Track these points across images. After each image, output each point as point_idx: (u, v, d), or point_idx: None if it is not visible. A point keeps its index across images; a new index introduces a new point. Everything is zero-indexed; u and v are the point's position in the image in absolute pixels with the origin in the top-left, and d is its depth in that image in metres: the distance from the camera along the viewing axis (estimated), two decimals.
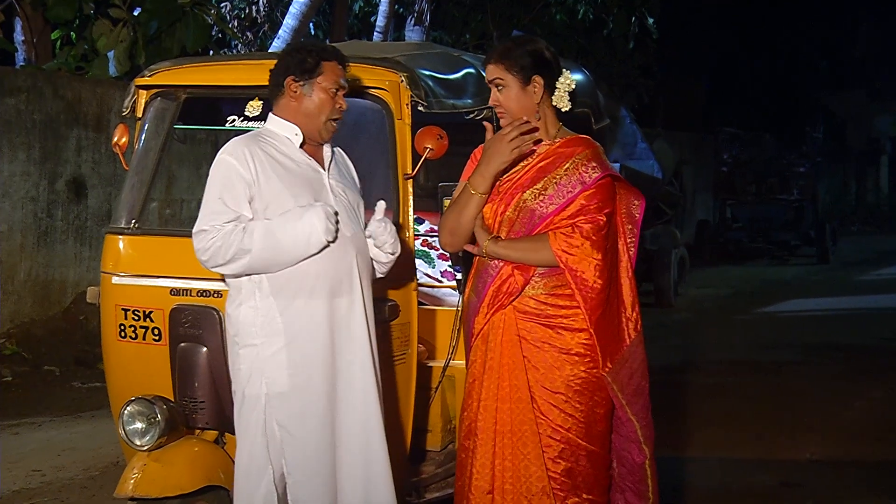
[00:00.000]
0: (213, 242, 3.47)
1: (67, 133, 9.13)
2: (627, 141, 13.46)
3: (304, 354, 3.53)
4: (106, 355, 4.40)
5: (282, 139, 3.64)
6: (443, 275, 5.52)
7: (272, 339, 3.53)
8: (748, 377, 8.87)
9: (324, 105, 3.61)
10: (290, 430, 3.53)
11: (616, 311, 3.51)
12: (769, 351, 10.20)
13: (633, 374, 3.53)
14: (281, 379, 3.52)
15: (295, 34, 11.83)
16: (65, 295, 9.13)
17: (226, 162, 3.55)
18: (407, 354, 4.20)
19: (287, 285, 3.53)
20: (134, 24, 10.13)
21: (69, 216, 9.15)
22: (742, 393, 8.16)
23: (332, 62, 3.62)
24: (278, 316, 3.52)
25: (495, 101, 3.53)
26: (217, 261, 3.49)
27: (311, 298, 3.53)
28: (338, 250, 3.56)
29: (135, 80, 4.60)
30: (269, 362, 3.53)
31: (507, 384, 3.46)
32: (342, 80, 3.64)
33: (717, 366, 9.37)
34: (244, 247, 3.44)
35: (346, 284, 3.58)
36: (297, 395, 3.53)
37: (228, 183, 3.52)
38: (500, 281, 3.47)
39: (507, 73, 3.49)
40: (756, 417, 7.28)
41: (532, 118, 3.50)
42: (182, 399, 4.01)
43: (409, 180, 4.24)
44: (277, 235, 3.46)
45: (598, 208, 3.43)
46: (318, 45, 3.71)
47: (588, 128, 5.38)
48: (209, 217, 3.50)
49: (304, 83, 3.60)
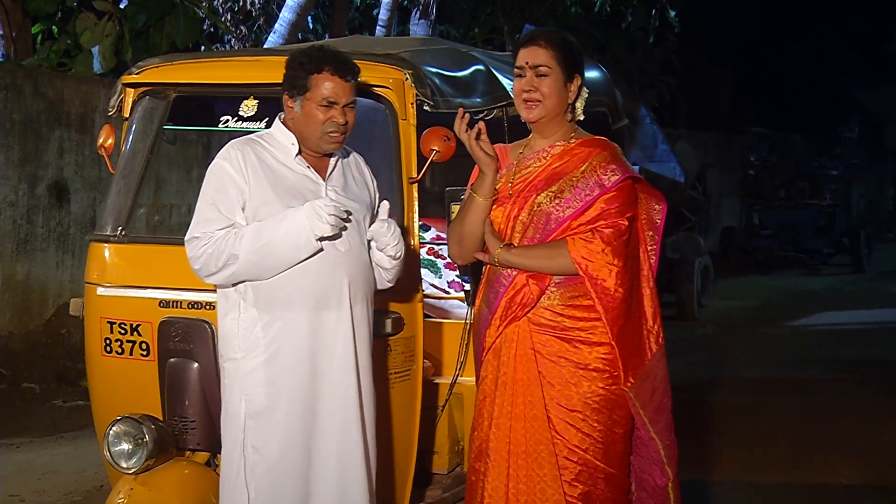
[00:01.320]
0: (205, 250, 3.51)
1: (49, 134, 9.16)
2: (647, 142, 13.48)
3: (283, 372, 3.55)
4: (90, 371, 4.41)
5: (280, 146, 3.68)
6: (450, 285, 5.53)
7: (252, 354, 3.57)
8: (777, 396, 8.85)
9: (314, 122, 3.61)
10: (262, 453, 3.55)
11: (637, 322, 3.52)
12: (800, 367, 10.18)
13: (655, 391, 3.54)
14: (258, 397, 3.56)
15: (292, 28, 11.86)
16: (46, 307, 9.14)
17: (220, 166, 3.61)
18: (411, 371, 4.21)
19: (270, 297, 3.55)
20: (120, 17, 10.16)
21: (50, 222, 9.17)
22: (771, 412, 8.15)
23: (324, 74, 3.58)
24: (259, 329, 3.56)
25: (531, 86, 3.52)
26: (209, 269, 3.54)
27: (293, 311, 3.55)
28: (326, 264, 3.57)
29: (121, 77, 4.62)
30: (247, 378, 3.57)
31: (521, 401, 3.47)
32: (339, 93, 3.59)
33: (743, 383, 9.36)
34: (233, 251, 3.49)
35: (334, 300, 3.59)
36: (272, 416, 3.55)
37: (222, 188, 3.57)
38: (513, 291, 3.48)
39: (554, 62, 3.51)
40: (786, 439, 7.27)
41: (562, 116, 3.53)
42: (171, 418, 4.02)
43: (414, 184, 4.25)
44: (264, 237, 3.49)
45: (619, 212, 3.44)
46: (316, 54, 3.64)
47: (605, 128, 5.39)
48: (202, 224, 3.56)
49: (296, 99, 3.62)
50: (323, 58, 3.62)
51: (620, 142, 4.97)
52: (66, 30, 10.76)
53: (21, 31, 10.87)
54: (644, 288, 3.57)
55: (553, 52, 3.50)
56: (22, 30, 10.88)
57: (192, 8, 10.41)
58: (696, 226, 14.97)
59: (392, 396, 4.09)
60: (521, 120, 3.60)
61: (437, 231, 5.63)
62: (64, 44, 10.75)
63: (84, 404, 7.46)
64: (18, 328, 8.94)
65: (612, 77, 6.12)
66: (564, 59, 3.51)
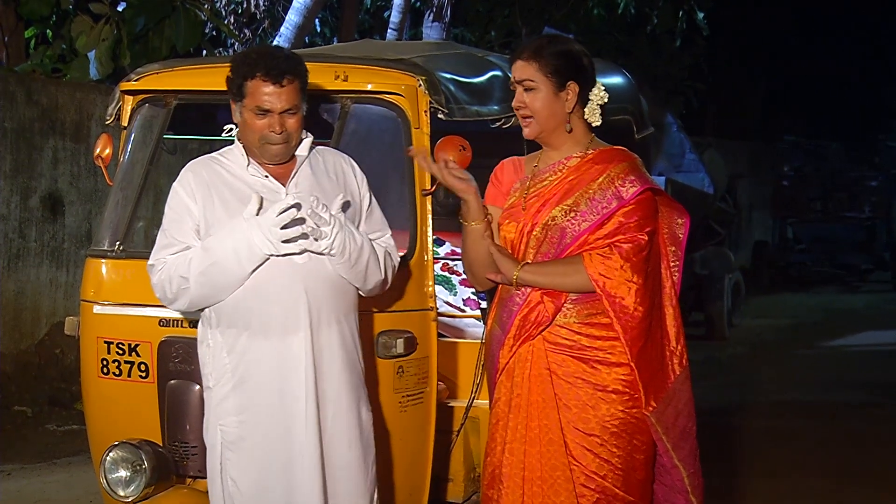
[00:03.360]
0: (159, 277, 3.58)
1: (42, 143, 9.20)
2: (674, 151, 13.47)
3: (252, 400, 3.55)
4: (85, 394, 4.44)
5: (235, 158, 3.67)
6: (465, 303, 5.54)
7: (221, 381, 3.59)
8: (811, 421, 8.82)
9: (250, 129, 3.57)
10: (240, 484, 3.56)
11: (659, 343, 3.53)
12: (837, 391, 10.15)
13: (678, 415, 3.54)
14: (231, 426, 3.57)
15: (299, 32, 11.91)
16: (38, 326, 9.17)
17: (174, 190, 3.66)
18: (425, 393, 4.22)
19: (232, 320, 3.56)
20: (118, 20, 10.20)
21: (44, 237, 9.21)
22: (806, 439, 8.12)
23: (255, 80, 3.50)
24: (226, 356, 3.58)
25: (521, 102, 3.57)
26: (166, 296, 3.60)
27: (256, 336, 3.54)
28: (284, 281, 3.52)
29: (120, 84, 4.65)
30: (220, 407, 3.59)
31: (535, 424, 3.48)
32: (273, 100, 3.50)
33: (776, 407, 9.33)
34: (183, 275, 3.52)
35: (293, 319, 3.54)
36: (247, 446, 3.56)
37: (175, 214, 3.63)
38: (527, 309, 3.49)
39: (539, 74, 3.53)
40: (822, 467, 7.24)
41: (562, 128, 3.54)
42: (171, 444, 4.03)
43: (428, 197, 4.27)
44: (210, 256, 3.49)
45: (638, 226, 3.46)
46: (250, 56, 3.57)
47: (630, 137, 5.40)
48: (155, 251, 3.63)
49: (236, 104, 3.61)
50: (255, 61, 3.53)
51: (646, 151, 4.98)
52: (60, 34, 10.81)
53: (14, 36, 10.92)
54: (667, 306, 3.58)
55: (537, 63, 3.53)
56: (14, 34, 10.93)
57: (194, 10, 10.44)
58: (726, 240, 14.95)
59: (404, 420, 4.10)
60: None
61: (451, 246, 5.64)
62: (59, 48, 10.80)
63: (79, 429, 7.48)
64: (9, 348, 8.97)
65: (636, 83, 6.13)
66: (552, 69, 3.52)
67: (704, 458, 3.66)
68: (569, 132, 3.56)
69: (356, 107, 4.38)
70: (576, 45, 3.62)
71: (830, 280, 20.77)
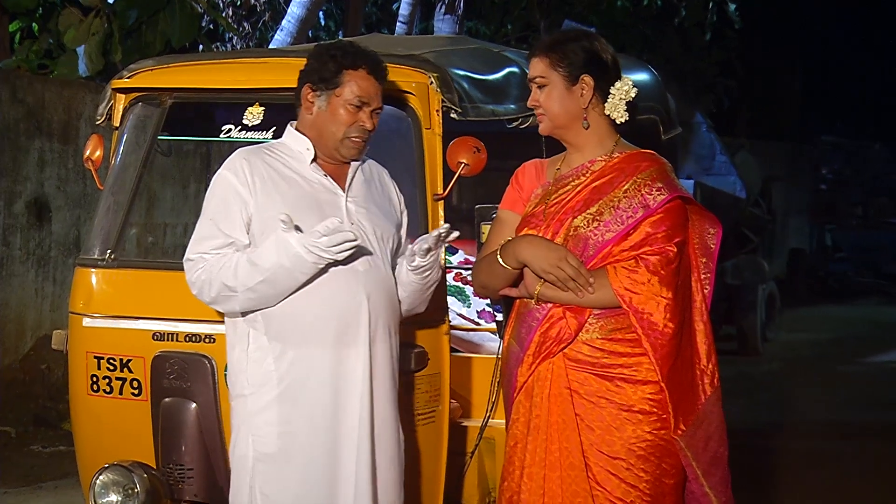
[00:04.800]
0: (199, 276, 3.59)
1: (28, 144, 9.23)
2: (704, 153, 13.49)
3: (299, 411, 3.58)
4: (74, 413, 4.45)
5: (294, 153, 3.72)
6: (480, 315, 5.55)
7: (263, 389, 3.60)
8: (854, 443, 8.80)
9: (338, 121, 3.67)
10: (274, 500, 3.57)
11: (689, 361, 3.53)
12: (881, 410, 10.12)
13: (709, 439, 3.54)
14: (268, 437, 3.59)
15: (301, 25, 11.92)
16: (23, 340, 9.19)
17: (222, 177, 3.66)
18: (437, 412, 4.23)
19: (283, 327, 3.59)
20: (108, 13, 10.21)
21: (29, 244, 9.23)
22: (847, 462, 8.10)
23: (359, 71, 3.68)
24: (271, 361, 3.59)
25: (534, 101, 3.59)
26: (205, 297, 3.63)
27: (310, 346, 3.58)
28: (344, 289, 3.61)
29: (111, 81, 4.67)
30: (257, 417, 3.60)
31: (555, 447, 3.48)
32: (371, 95, 3.69)
33: (815, 428, 9.31)
34: (228, 283, 3.54)
35: (353, 330, 3.62)
36: (285, 460, 3.58)
37: (223, 203, 3.62)
38: (547, 324, 3.49)
39: (550, 70, 3.55)
40: (865, 493, 7.21)
41: (578, 125, 3.55)
42: (166, 466, 4.04)
43: (440, 202, 4.28)
44: (258, 270, 3.51)
45: (666, 237, 3.45)
46: (352, 49, 3.75)
47: (656, 138, 5.41)
48: (196, 243, 3.63)
49: (321, 93, 3.68)
50: (359, 54, 3.72)
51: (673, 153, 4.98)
52: (47, 28, 10.84)
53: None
54: (697, 322, 3.57)
55: (547, 58, 3.55)
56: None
57: (190, 3, 10.47)
58: (760, 248, 14.92)
59: (414, 441, 4.11)
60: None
61: (465, 254, 5.65)
62: (45, 43, 10.83)
63: (66, 450, 7.49)
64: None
65: (663, 80, 6.15)
66: (562, 62, 3.53)
67: (737, 484, 3.65)
68: (586, 129, 3.57)
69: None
70: (597, 40, 3.62)
71: (872, 291, 20.72)
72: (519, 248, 3.47)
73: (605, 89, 3.56)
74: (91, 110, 8.57)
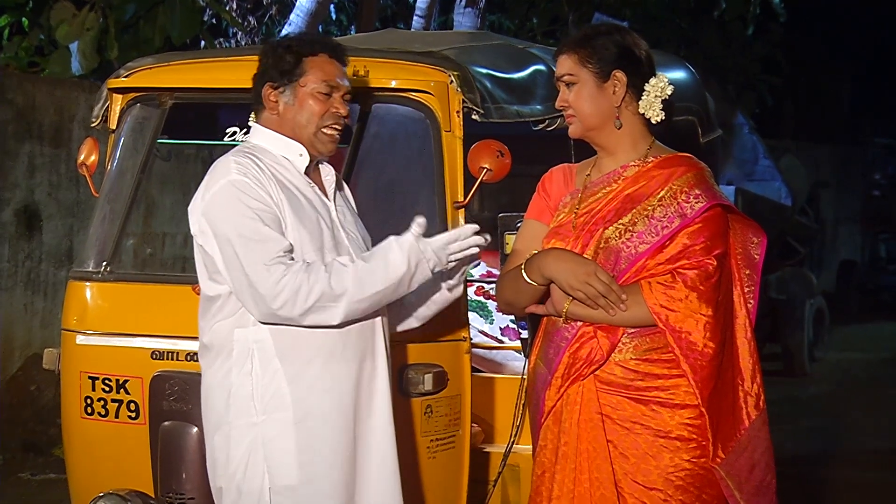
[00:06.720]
0: (287, 284, 3.44)
1: (17, 148, 9.26)
2: (746, 157, 13.47)
3: (320, 436, 3.57)
4: (67, 437, 4.47)
5: (278, 159, 3.66)
6: (503, 332, 5.55)
7: (277, 416, 3.57)
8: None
9: (310, 111, 3.64)
10: None
11: (731, 383, 3.52)
12: None
13: (754, 467, 3.53)
14: (288, 468, 3.56)
15: (311, 20, 11.94)
16: (11, 359, 9.21)
17: (241, 183, 3.53)
18: (457, 437, 4.23)
19: (296, 346, 3.57)
20: (104, 7, 10.25)
21: (18, 256, 9.26)
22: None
23: (319, 57, 3.66)
24: (285, 385, 3.57)
25: (563, 101, 3.59)
26: (296, 307, 3.46)
27: (332, 363, 3.58)
28: None
29: (107, 81, 4.70)
30: (272, 446, 3.57)
31: (585, 477, 3.47)
32: (338, 78, 3.66)
33: (868, 456, 9.27)
34: (334, 292, 3.46)
35: (370, 343, 3.64)
36: (307, 490, 3.56)
37: (259, 207, 3.51)
38: (577, 345, 3.48)
39: (579, 67, 3.55)
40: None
41: (610, 126, 3.55)
42: (165, 494, 4.05)
43: (461, 210, 4.29)
44: (375, 284, 3.50)
45: (705, 249, 3.45)
46: (301, 37, 3.75)
47: (693, 141, 5.40)
48: (269, 251, 3.47)
49: (284, 88, 3.65)
50: (315, 40, 3.73)
51: (713, 157, 4.97)
52: (38, 23, 10.86)
53: None
54: (740, 339, 3.56)
55: (575, 55, 3.55)
56: None
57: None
58: (807, 259, 14.90)
59: (433, 468, 4.11)
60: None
61: (487, 266, 5.66)
62: (36, 39, 10.86)
63: (58, 477, 7.51)
64: None
65: (701, 78, 6.15)
66: (592, 58, 3.53)
67: None
68: (619, 129, 3.56)
69: (378, 107, 4.40)
70: (629, 34, 3.62)
71: None
72: (545, 264, 3.47)
73: (638, 86, 3.56)
74: (85, 111, 8.59)
